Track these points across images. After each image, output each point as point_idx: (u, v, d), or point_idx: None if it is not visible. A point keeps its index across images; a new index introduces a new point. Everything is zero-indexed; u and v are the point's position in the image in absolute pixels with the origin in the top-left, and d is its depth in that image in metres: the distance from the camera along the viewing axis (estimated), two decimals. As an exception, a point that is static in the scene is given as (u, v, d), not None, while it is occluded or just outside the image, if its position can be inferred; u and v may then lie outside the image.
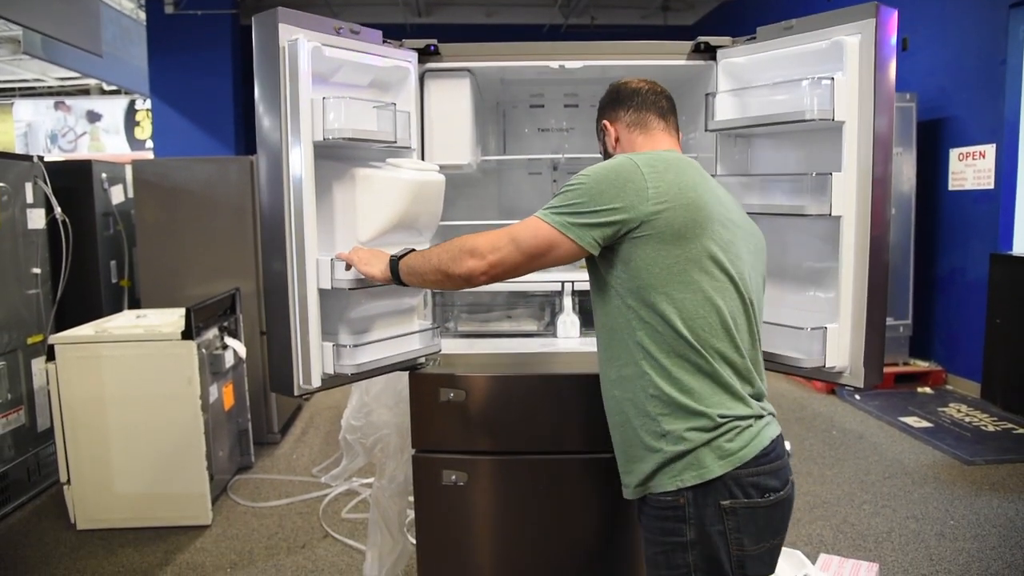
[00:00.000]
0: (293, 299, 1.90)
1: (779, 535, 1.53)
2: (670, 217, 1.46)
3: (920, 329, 5.81)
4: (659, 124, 1.75)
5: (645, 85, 1.78)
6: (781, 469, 1.52)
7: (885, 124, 1.90)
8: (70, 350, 3.33)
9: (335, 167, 2.05)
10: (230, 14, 8.73)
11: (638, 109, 1.74)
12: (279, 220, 1.88)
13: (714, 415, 1.46)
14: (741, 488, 1.44)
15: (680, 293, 1.47)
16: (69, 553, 3.22)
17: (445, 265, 1.59)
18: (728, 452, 1.44)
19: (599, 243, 1.49)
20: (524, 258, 1.52)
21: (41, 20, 5.83)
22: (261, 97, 1.89)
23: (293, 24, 1.86)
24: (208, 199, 4.39)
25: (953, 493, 3.68)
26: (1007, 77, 5.02)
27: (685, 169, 1.56)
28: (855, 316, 1.96)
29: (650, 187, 1.47)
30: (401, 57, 2.21)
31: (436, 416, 2.13)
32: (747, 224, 1.66)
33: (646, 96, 1.75)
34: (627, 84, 1.80)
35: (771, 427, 1.54)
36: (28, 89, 13.62)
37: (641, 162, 1.52)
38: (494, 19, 10.38)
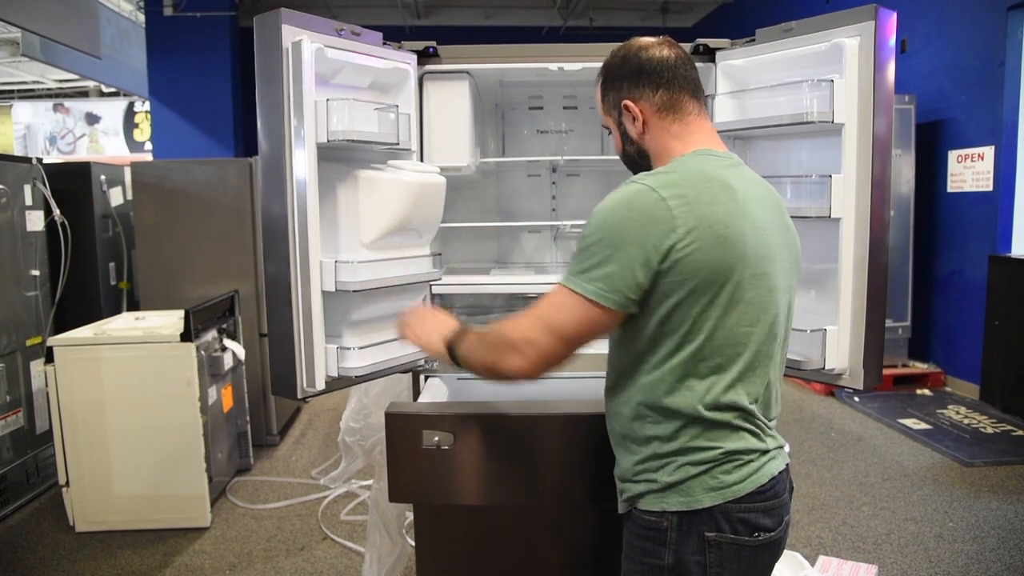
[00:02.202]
0: (296, 302, 1.89)
1: (765, 573, 1.42)
2: (698, 259, 1.26)
3: (919, 331, 5.81)
4: (694, 107, 1.45)
5: (670, 51, 1.44)
6: (777, 508, 1.38)
7: (884, 126, 1.90)
8: (69, 352, 3.33)
9: (336, 169, 2.04)
10: (229, 16, 8.73)
11: (670, 88, 1.42)
12: (282, 222, 1.87)
13: (723, 450, 1.34)
14: (729, 522, 1.33)
15: (705, 340, 1.31)
16: (68, 555, 3.21)
17: (492, 365, 1.39)
18: (722, 484, 1.33)
19: (636, 300, 1.29)
20: (563, 345, 1.32)
21: (40, 22, 5.83)
22: (263, 98, 1.87)
23: (296, 25, 1.85)
24: (207, 201, 4.39)
25: (952, 495, 3.68)
26: (1006, 79, 5.02)
27: (716, 194, 1.31)
28: (854, 318, 1.97)
29: (679, 224, 1.26)
30: (401, 59, 2.21)
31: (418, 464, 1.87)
32: (782, 235, 1.44)
33: (677, 69, 1.43)
34: (649, 51, 1.44)
35: (775, 462, 1.40)
36: (27, 91, 13.63)
37: (663, 189, 1.29)
38: (493, 21, 10.39)
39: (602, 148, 3.17)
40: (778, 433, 1.46)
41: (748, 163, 2.38)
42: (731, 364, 1.34)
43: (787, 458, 1.46)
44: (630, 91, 1.45)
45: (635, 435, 1.40)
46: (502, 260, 3.13)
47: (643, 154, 1.49)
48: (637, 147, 1.49)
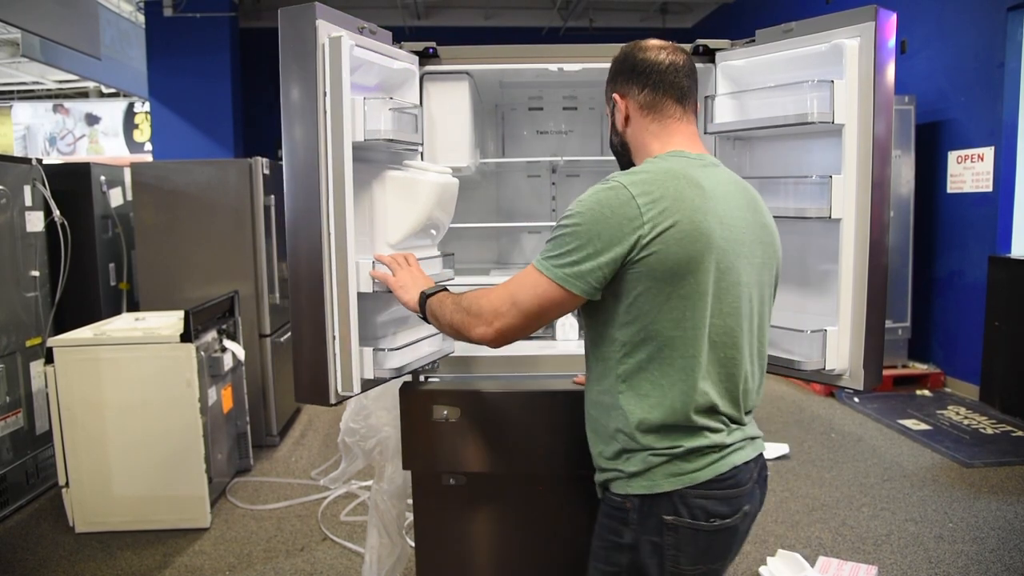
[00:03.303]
0: (331, 303, 1.84)
1: (720, 561, 1.48)
2: (663, 253, 1.35)
3: (919, 332, 5.81)
4: (676, 111, 1.54)
5: (666, 56, 1.53)
6: (736, 497, 1.45)
7: (884, 127, 1.90)
8: (69, 353, 3.33)
9: (360, 169, 2.03)
10: (229, 17, 8.74)
11: (655, 89, 1.53)
12: (315, 223, 1.82)
13: (683, 448, 1.42)
14: (687, 507, 1.41)
15: (670, 331, 1.39)
16: (67, 556, 3.21)
17: (459, 326, 1.53)
18: (682, 471, 1.41)
19: (598, 288, 1.40)
20: (527, 321, 1.44)
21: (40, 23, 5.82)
22: (292, 97, 1.81)
23: (331, 21, 1.83)
24: (207, 202, 4.39)
25: (952, 496, 3.68)
26: (1005, 80, 5.03)
27: (684, 191, 1.39)
28: (854, 318, 1.96)
29: (646, 219, 1.35)
30: (408, 59, 2.22)
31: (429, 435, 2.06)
32: (755, 232, 1.50)
33: (665, 73, 1.52)
34: (645, 52, 1.55)
35: (740, 453, 1.47)
36: (27, 92, 13.63)
37: (634, 187, 1.38)
38: (493, 22, 10.40)
39: (602, 149, 3.17)
40: (754, 422, 1.58)
41: (748, 164, 2.40)
42: (695, 358, 1.41)
43: (760, 447, 1.56)
44: (621, 86, 1.59)
45: (604, 428, 1.51)
46: (502, 260, 3.13)
47: (624, 145, 1.64)
48: (620, 138, 1.64)
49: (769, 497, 3.67)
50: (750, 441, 1.53)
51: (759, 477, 1.54)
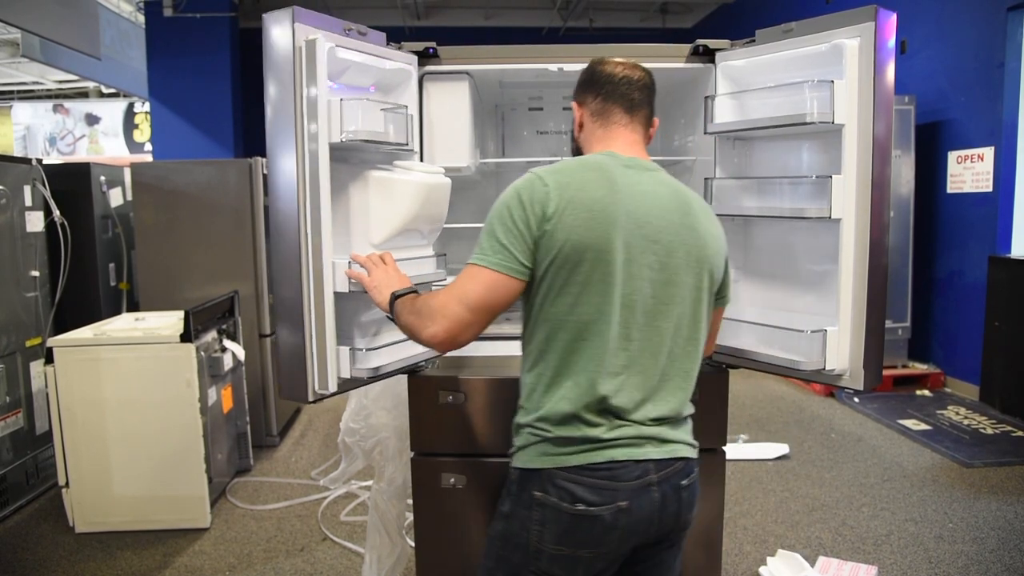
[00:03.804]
0: (308, 303, 1.86)
1: (586, 548, 1.46)
2: (563, 237, 1.43)
3: (919, 332, 5.81)
4: (622, 119, 1.65)
5: (621, 70, 1.65)
6: (609, 490, 1.45)
7: (884, 127, 1.90)
8: (69, 353, 3.33)
9: (344, 169, 2.04)
10: (228, 17, 8.74)
11: (605, 99, 1.64)
12: (293, 223, 1.85)
13: (553, 435, 1.48)
14: (554, 487, 1.46)
15: (564, 316, 1.46)
16: (67, 556, 3.21)
17: (411, 328, 1.57)
18: (553, 452, 1.48)
19: (525, 266, 1.46)
20: (473, 315, 1.47)
21: (40, 23, 5.83)
22: (272, 98, 1.85)
23: (309, 23, 1.84)
24: (207, 202, 4.39)
25: (952, 496, 3.68)
26: (1005, 80, 5.03)
27: (590, 182, 1.48)
28: (854, 319, 1.97)
29: (551, 201, 1.44)
30: (403, 60, 2.22)
31: (436, 419, 2.13)
32: (681, 236, 1.53)
33: (617, 85, 1.64)
34: (603, 66, 1.67)
35: (626, 450, 1.47)
36: (27, 92, 13.63)
37: (546, 175, 1.48)
38: (493, 22, 10.40)
39: (602, 149, 3.17)
40: (679, 428, 1.57)
41: (748, 164, 2.40)
42: (589, 348, 1.46)
43: (675, 452, 1.53)
44: (579, 96, 1.71)
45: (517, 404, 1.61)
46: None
47: (577, 149, 1.74)
48: (575, 143, 1.76)
49: (769, 497, 3.68)
50: (652, 443, 1.50)
51: (668, 486, 1.50)
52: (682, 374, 1.56)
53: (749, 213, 2.29)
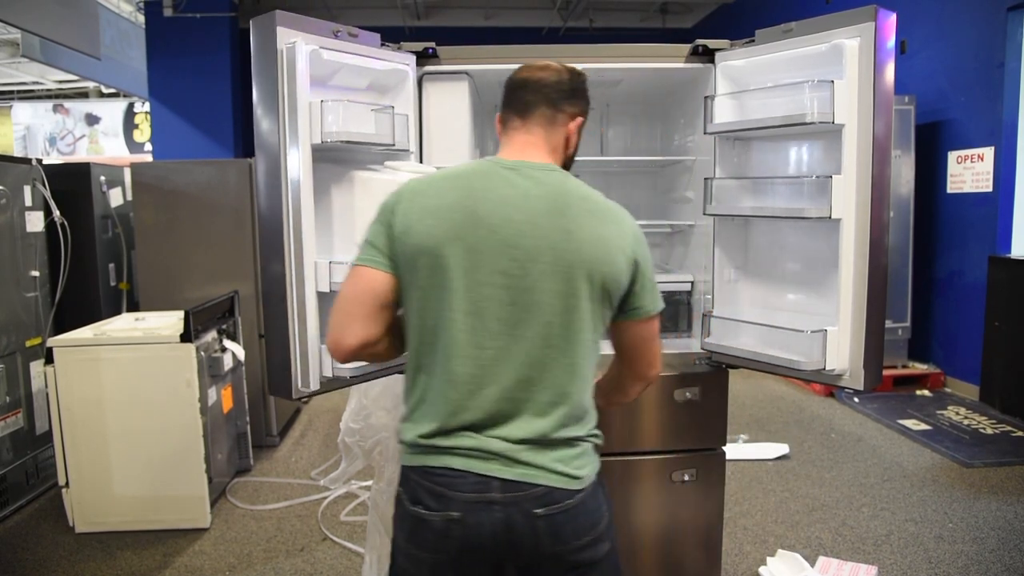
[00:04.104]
0: (292, 302, 1.90)
1: (426, 552, 1.45)
2: (406, 240, 1.45)
3: (918, 332, 5.81)
4: (516, 123, 1.60)
5: (521, 75, 1.63)
6: (444, 497, 1.43)
7: (884, 127, 1.90)
8: (68, 353, 3.33)
9: (334, 170, 2.05)
10: (228, 17, 8.74)
11: (504, 107, 1.63)
12: (277, 223, 1.88)
13: (400, 435, 1.52)
14: (406, 485, 1.50)
15: (414, 319, 1.48)
16: (67, 556, 3.21)
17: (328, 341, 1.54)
18: (406, 452, 1.51)
19: (390, 257, 1.48)
20: (347, 309, 1.48)
21: (40, 23, 5.83)
22: (259, 100, 1.89)
23: (291, 27, 1.86)
24: (207, 202, 4.39)
25: (952, 496, 3.68)
26: (1005, 80, 5.03)
27: (443, 189, 1.48)
28: (854, 319, 1.97)
29: (400, 208, 1.48)
30: (399, 60, 2.22)
31: None
32: (550, 239, 1.44)
33: (514, 91, 1.62)
34: (517, 72, 1.65)
35: (465, 461, 1.43)
36: (27, 92, 13.63)
37: (408, 184, 1.53)
38: (492, 22, 10.39)
39: (601, 149, 3.17)
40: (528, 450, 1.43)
41: (748, 164, 2.40)
42: (434, 352, 1.46)
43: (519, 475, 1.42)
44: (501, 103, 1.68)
45: None
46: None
47: None
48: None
49: (769, 497, 3.68)
50: (501, 460, 1.42)
51: (517, 510, 1.42)
52: (558, 393, 1.45)
53: (749, 213, 2.29)
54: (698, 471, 2.32)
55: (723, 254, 2.40)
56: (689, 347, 2.51)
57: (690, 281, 2.68)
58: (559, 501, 1.43)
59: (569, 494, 1.44)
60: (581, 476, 1.47)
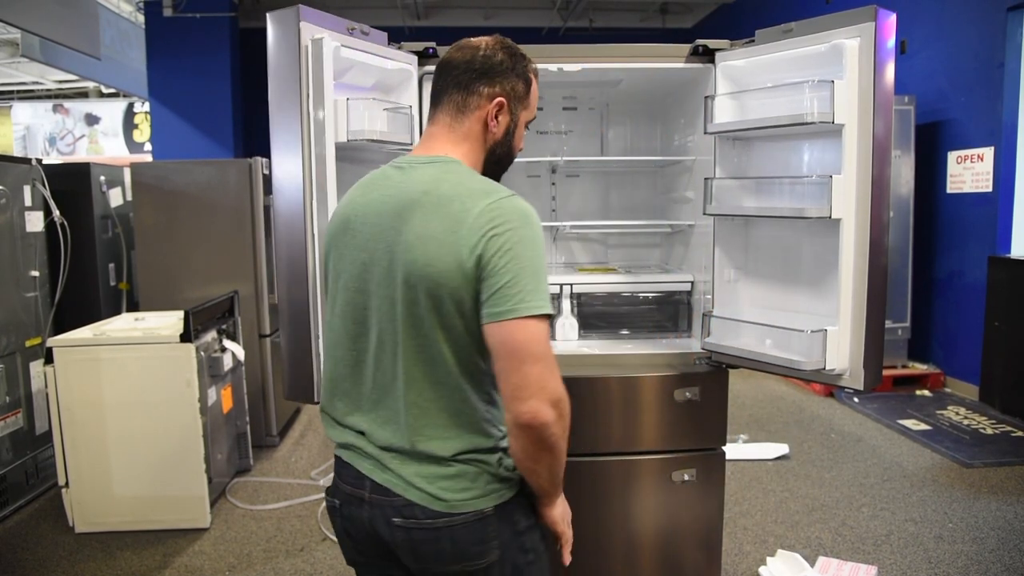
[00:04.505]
0: (315, 304, 1.87)
1: (340, 537, 1.50)
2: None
3: (918, 332, 5.81)
4: (430, 113, 1.51)
5: (446, 56, 1.50)
6: (335, 484, 1.50)
7: (884, 127, 1.90)
8: (68, 353, 3.33)
9: (346, 168, 2.04)
10: (228, 17, 8.74)
11: (431, 95, 1.51)
12: (299, 224, 1.85)
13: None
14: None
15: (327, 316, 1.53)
16: (67, 556, 3.21)
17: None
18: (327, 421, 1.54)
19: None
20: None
21: (39, 23, 5.82)
22: (277, 97, 1.84)
23: (315, 23, 1.84)
24: (206, 202, 4.39)
25: (952, 496, 3.68)
26: (1005, 80, 5.03)
27: (352, 194, 1.49)
28: (855, 319, 1.97)
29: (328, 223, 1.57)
30: (404, 60, 2.22)
31: None
32: (387, 240, 1.37)
33: (435, 78, 1.51)
34: (443, 56, 1.51)
35: (345, 452, 1.46)
36: (26, 92, 13.62)
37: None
38: (492, 22, 10.40)
39: (601, 149, 3.17)
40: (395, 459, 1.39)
41: (748, 164, 2.39)
42: (330, 347, 1.49)
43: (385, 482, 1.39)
44: None
45: None
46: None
47: None
48: None
49: (769, 497, 3.68)
50: (372, 462, 1.41)
51: (380, 513, 1.39)
52: (411, 403, 1.36)
53: (749, 213, 2.29)
54: (698, 471, 2.32)
55: (723, 254, 2.40)
56: (689, 347, 2.52)
57: (690, 281, 2.69)
58: (418, 518, 1.35)
59: (431, 514, 1.34)
60: (447, 499, 1.34)
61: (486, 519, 1.36)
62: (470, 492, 1.35)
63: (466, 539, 1.35)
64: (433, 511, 1.34)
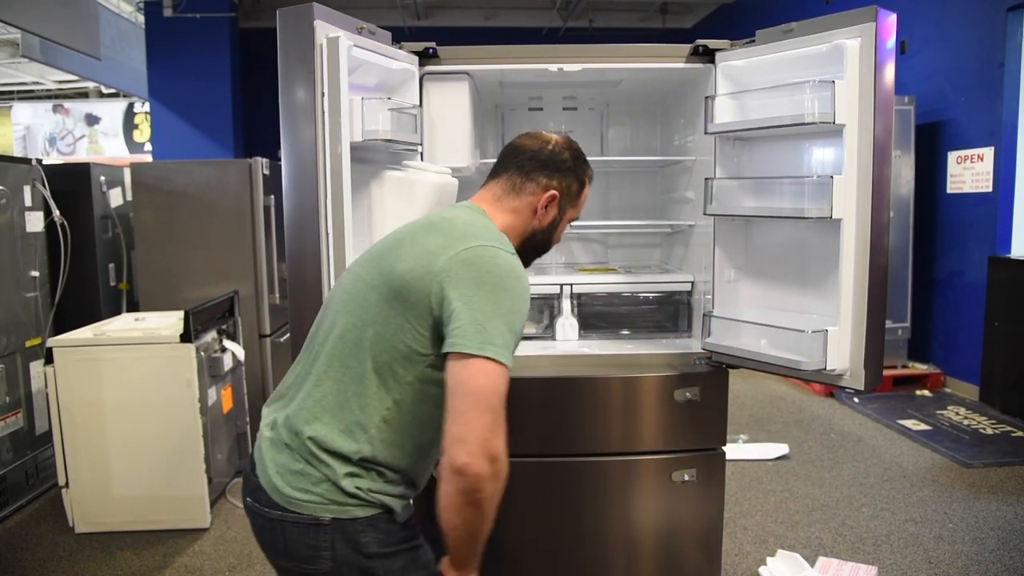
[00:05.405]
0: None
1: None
2: None
3: (918, 332, 5.81)
4: (486, 183, 1.65)
5: (517, 141, 1.67)
6: (245, 484, 1.50)
7: (884, 127, 1.90)
8: (68, 353, 3.33)
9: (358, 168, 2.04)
10: (229, 17, 8.74)
11: (492, 168, 1.69)
12: (313, 224, 1.84)
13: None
14: None
15: None
16: (67, 556, 3.21)
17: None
18: None
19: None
20: None
21: (40, 23, 5.82)
22: (289, 96, 1.83)
23: (328, 21, 1.83)
24: (206, 202, 4.38)
25: (952, 496, 3.68)
26: (1005, 80, 5.03)
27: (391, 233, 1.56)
28: (855, 319, 1.97)
29: None
30: (407, 59, 2.22)
31: None
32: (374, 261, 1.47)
33: (501, 156, 1.67)
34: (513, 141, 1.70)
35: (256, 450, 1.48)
36: (27, 92, 13.62)
37: None
38: (493, 22, 10.39)
39: (601, 149, 3.17)
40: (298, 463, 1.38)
41: (748, 164, 2.40)
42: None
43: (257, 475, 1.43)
44: None
45: None
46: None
47: None
48: None
49: (769, 497, 3.68)
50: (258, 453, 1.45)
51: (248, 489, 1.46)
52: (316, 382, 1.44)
53: (749, 213, 2.29)
54: (698, 471, 2.32)
55: (723, 254, 2.40)
56: (689, 347, 2.52)
57: (690, 281, 2.69)
58: (261, 503, 1.40)
59: (270, 503, 1.38)
60: (285, 493, 1.36)
61: (320, 527, 1.35)
62: (308, 495, 1.35)
63: (297, 540, 1.36)
64: (272, 500, 1.38)
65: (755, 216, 2.31)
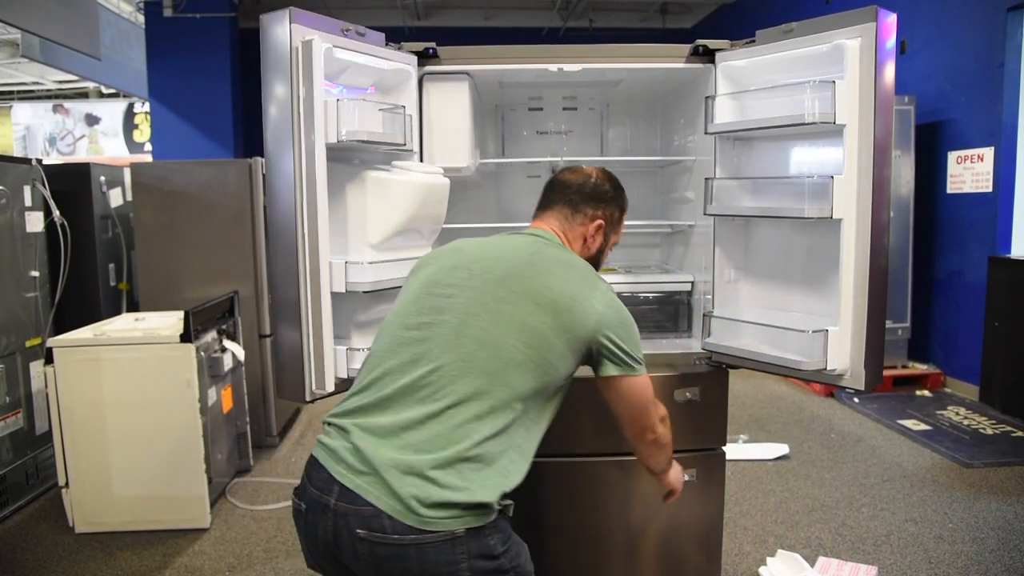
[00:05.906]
0: (305, 303, 1.88)
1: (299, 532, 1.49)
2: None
3: (918, 332, 5.81)
4: (538, 214, 1.82)
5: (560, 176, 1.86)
6: (303, 485, 1.48)
7: (884, 127, 1.90)
8: (68, 353, 3.33)
9: (342, 169, 2.05)
10: (228, 17, 8.74)
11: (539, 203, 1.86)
12: (290, 223, 1.87)
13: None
14: None
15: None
16: (67, 556, 3.21)
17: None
18: None
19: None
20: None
21: (40, 23, 5.82)
22: (270, 98, 1.86)
23: (305, 24, 1.85)
24: (206, 202, 4.38)
25: (952, 496, 3.68)
26: (1005, 80, 5.03)
27: (454, 248, 1.67)
28: (855, 319, 1.97)
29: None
30: (403, 60, 2.22)
31: None
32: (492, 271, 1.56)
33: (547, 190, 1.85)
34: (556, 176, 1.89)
35: (322, 453, 1.46)
36: (27, 92, 13.62)
37: None
38: (492, 22, 10.39)
39: (601, 149, 3.17)
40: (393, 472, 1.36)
41: (748, 164, 2.40)
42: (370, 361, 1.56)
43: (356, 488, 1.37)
44: None
45: None
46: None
47: None
48: None
49: (769, 497, 3.68)
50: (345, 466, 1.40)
51: (344, 522, 1.37)
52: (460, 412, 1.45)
53: (749, 213, 2.29)
54: (698, 471, 2.32)
55: (723, 254, 2.40)
56: (689, 347, 2.52)
57: (690, 281, 2.69)
58: (386, 531, 1.33)
59: (399, 528, 1.32)
60: (421, 514, 1.32)
61: (456, 541, 1.34)
62: (445, 511, 1.33)
63: (434, 559, 1.33)
64: (405, 525, 1.32)
65: (755, 216, 2.31)
